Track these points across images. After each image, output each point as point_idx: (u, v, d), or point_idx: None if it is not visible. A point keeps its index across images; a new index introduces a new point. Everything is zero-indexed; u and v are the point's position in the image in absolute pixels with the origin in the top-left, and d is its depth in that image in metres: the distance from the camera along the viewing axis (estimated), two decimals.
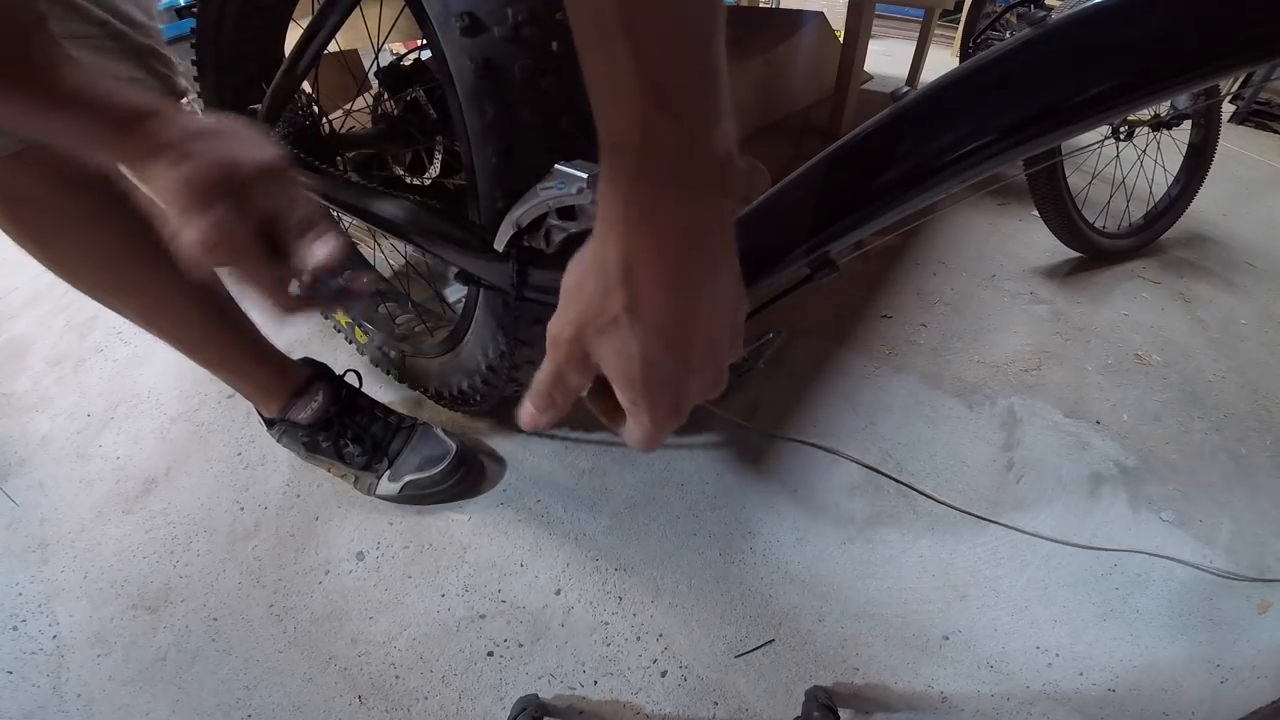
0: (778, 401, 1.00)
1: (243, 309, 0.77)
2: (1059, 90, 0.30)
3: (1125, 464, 0.88)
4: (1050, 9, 1.39)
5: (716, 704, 0.66)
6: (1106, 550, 0.77)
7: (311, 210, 0.39)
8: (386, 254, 1.04)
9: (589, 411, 0.29)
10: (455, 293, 1.15)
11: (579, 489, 0.88)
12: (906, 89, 0.36)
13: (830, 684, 0.66)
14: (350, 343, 1.07)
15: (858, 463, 0.89)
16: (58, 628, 0.77)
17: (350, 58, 1.43)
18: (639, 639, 0.71)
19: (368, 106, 0.91)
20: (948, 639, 0.70)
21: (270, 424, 0.85)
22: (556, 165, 0.45)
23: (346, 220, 0.92)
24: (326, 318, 1.11)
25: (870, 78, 1.96)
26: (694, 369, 0.24)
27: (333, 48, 0.68)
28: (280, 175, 0.37)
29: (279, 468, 0.92)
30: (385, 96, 0.85)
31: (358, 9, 0.62)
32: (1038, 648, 0.69)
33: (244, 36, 0.86)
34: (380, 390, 1.09)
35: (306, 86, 0.82)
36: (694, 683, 0.68)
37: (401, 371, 0.98)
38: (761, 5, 3.00)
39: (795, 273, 0.44)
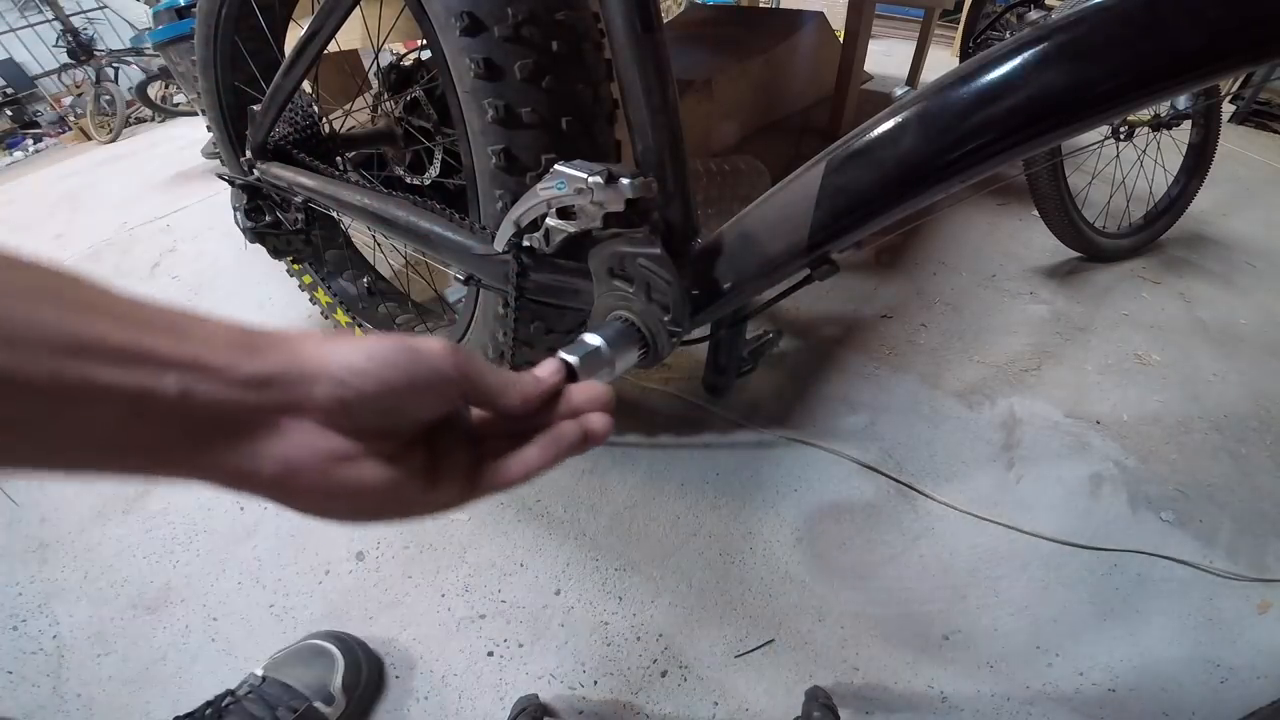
0: (778, 401, 1.00)
1: None
2: (1059, 91, 0.30)
3: (1125, 464, 0.88)
4: (1050, 9, 1.39)
5: (716, 704, 0.66)
6: (1106, 550, 0.77)
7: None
8: (387, 254, 1.04)
9: None
10: (455, 293, 1.15)
11: (579, 489, 0.88)
12: (906, 89, 0.36)
13: (830, 684, 0.66)
14: None
15: (858, 463, 0.89)
16: (58, 627, 0.77)
17: (350, 58, 1.43)
18: (639, 639, 0.71)
19: (368, 106, 0.91)
20: (948, 639, 0.70)
21: None
22: (556, 165, 0.45)
23: (347, 220, 0.92)
24: (326, 317, 1.11)
25: (870, 78, 1.96)
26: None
27: (332, 48, 0.67)
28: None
29: None
30: (385, 96, 0.85)
31: (358, 9, 0.62)
32: (1038, 648, 0.69)
33: (244, 36, 0.86)
34: None
35: (306, 86, 0.82)
36: (694, 683, 0.68)
37: None
38: (761, 5, 3.00)
39: (795, 272, 0.44)
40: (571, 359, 0.35)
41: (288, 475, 0.23)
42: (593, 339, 0.41)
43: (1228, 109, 2.08)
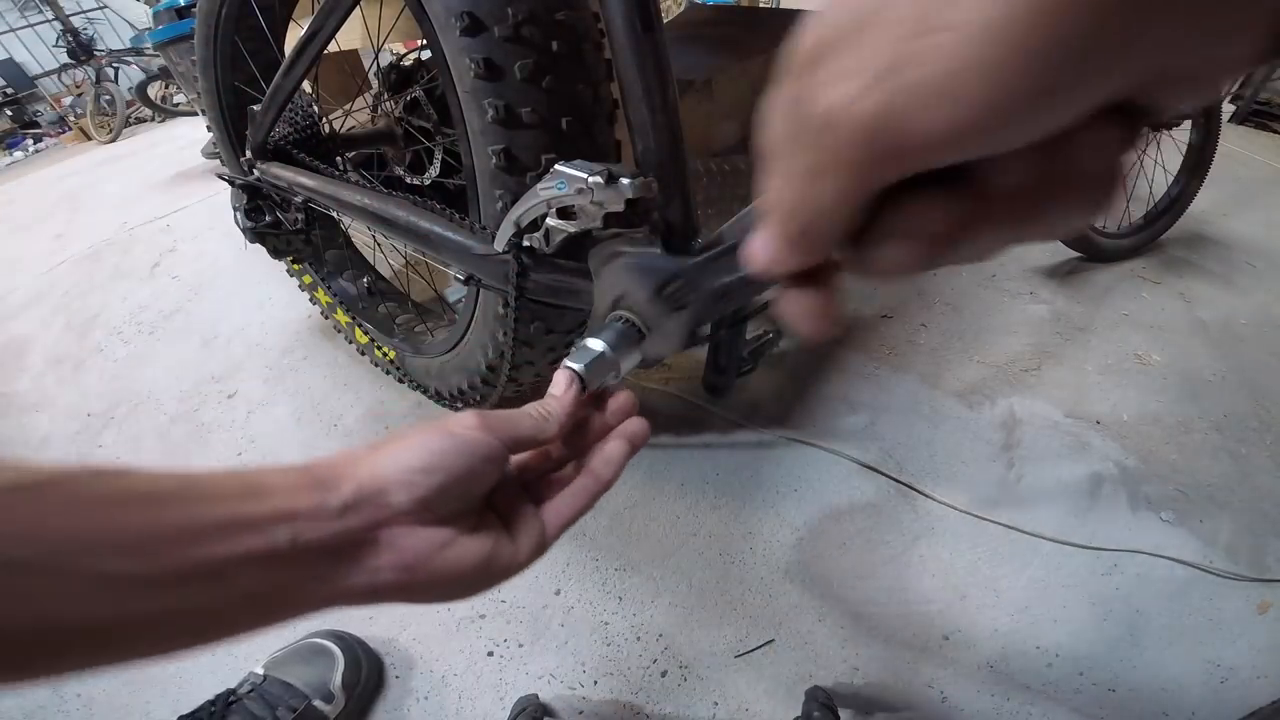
0: (778, 401, 1.00)
1: None
2: None
3: (1125, 464, 0.88)
4: None
5: (716, 704, 0.66)
6: (1106, 550, 0.77)
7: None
8: (386, 254, 1.04)
9: None
10: (455, 293, 1.15)
11: None
12: None
13: (830, 684, 0.66)
14: (350, 343, 1.07)
15: (858, 463, 0.89)
16: None
17: (350, 58, 1.43)
18: (639, 639, 0.71)
19: (368, 106, 0.91)
20: (948, 639, 0.70)
21: None
22: (557, 165, 0.45)
23: (347, 221, 0.92)
24: (326, 317, 1.11)
25: None
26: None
27: (332, 48, 0.67)
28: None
29: None
30: (385, 96, 0.85)
31: (358, 9, 0.62)
32: (1038, 648, 0.69)
33: (244, 36, 0.86)
34: (382, 391, 1.09)
35: (306, 86, 0.82)
36: (694, 683, 0.68)
37: (402, 371, 0.98)
38: (761, 5, 3.00)
39: None
40: (577, 367, 0.35)
41: (407, 576, 0.25)
42: (595, 344, 0.40)
43: (1228, 109, 2.08)
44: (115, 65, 4.14)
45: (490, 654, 0.71)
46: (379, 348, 1.00)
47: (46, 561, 0.18)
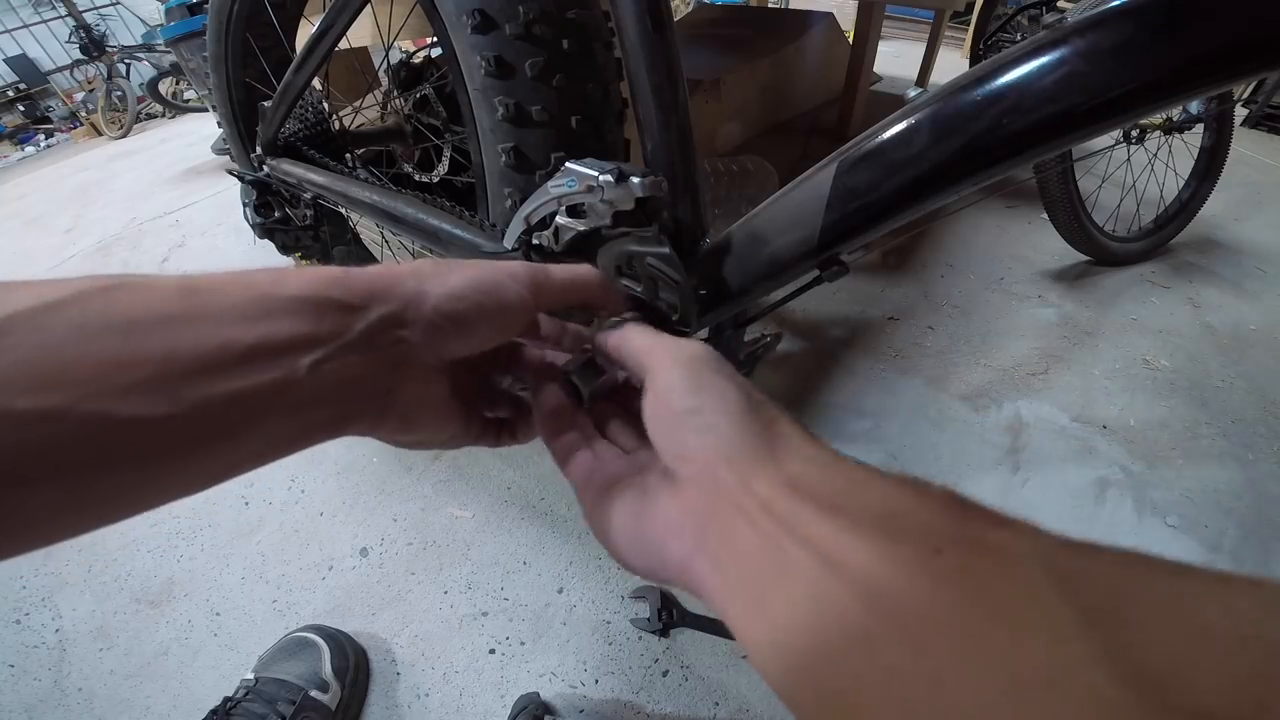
0: (781, 402, 0.99)
1: None
2: (1072, 95, 0.30)
3: (1131, 469, 0.87)
4: (1064, 12, 1.39)
5: (717, 704, 0.66)
6: None
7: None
8: (394, 251, 1.05)
9: None
10: None
11: None
12: (919, 90, 0.36)
13: None
14: None
15: None
16: (60, 621, 0.77)
17: (360, 55, 1.44)
18: (640, 638, 0.71)
19: (377, 104, 0.91)
20: None
21: None
22: (567, 163, 0.45)
23: (355, 217, 0.92)
24: None
25: (879, 79, 1.96)
26: None
27: (343, 45, 0.68)
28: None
29: (284, 463, 0.92)
30: (395, 93, 0.85)
31: (368, 6, 0.62)
32: None
33: (255, 32, 0.87)
34: None
35: (317, 83, 0.82)
36: (695, 682, 0.68)
37: None
38: (770, 6, 3.00)
39: (804, 273, 0.44)
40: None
41: (398, 431, 0.28)
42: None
43: (1240, 113, 2.07)
44: (127, 61, 4.17)
45: (492, 651, 0.71)
46: None
47: (59, 408, 0.16)
